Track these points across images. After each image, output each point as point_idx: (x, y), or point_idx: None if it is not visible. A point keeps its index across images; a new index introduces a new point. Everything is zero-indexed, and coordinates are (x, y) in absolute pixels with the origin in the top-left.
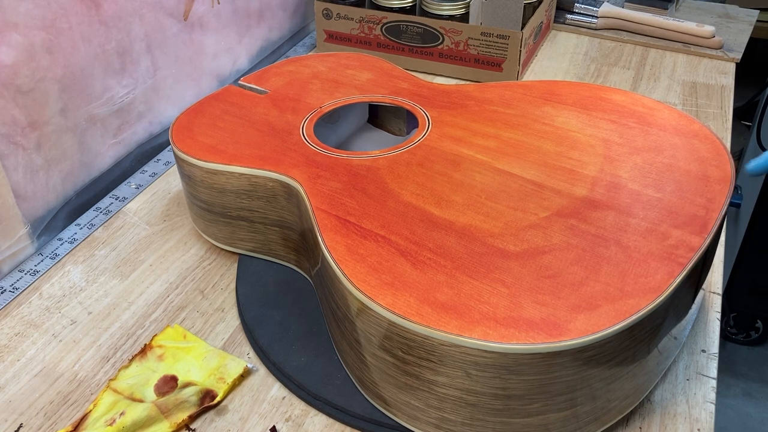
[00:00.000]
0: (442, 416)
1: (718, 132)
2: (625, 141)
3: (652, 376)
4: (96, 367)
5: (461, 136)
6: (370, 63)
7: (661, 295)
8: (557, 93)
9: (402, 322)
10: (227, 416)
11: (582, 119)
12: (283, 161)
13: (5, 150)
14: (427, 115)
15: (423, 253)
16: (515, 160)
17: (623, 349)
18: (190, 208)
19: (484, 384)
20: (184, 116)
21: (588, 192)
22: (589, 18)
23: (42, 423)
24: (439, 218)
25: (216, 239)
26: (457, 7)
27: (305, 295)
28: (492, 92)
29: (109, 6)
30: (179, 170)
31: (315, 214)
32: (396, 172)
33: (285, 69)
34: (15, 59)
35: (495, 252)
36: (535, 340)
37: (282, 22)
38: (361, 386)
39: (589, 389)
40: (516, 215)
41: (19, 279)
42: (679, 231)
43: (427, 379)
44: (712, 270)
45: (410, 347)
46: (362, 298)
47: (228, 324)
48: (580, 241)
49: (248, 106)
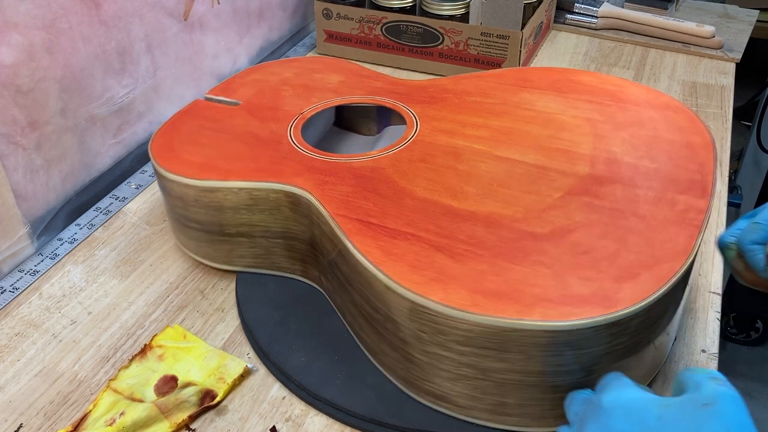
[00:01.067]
0: (500, 401)
1: (718, 132)
2: (606, 118)
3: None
4: (96, 367)
5: (452, 129)
6: (336, 65)
7: (690, 256)
8: (529, 79)
9: (459, 314)
10: (227, 416)
11: (560, 102)
12: (284, 171)
13: (5, 150)
14: (411, 112)
15: (457, 246)
16: (512, 146)
17: (659, 314)
18: (178, 231)
19: (545, 363)
20: (160, 136)
21: (590, 169)
22: (589, 18)
23: (42, 423)
24: (460, 210)
25: (212, 260)
26: (457, 7)
27: (305, 296)
28: (467, 83)
29: (109, 6)
30: (166, 193)
31: (336, 221)
32: (401, 170)
33: (250, 78)
34: (15, 59)
35: (525, 236)
36: (593, 314)
37: (282, 22)
38: (406, 385)
39: (624, 358)
40: (532, 198)
41: (19, 279)
42: (684, 196)
43: (484, 367)
44: (712, 270)
45: (468, 338)
46: (412, 297)
47: (228, 324)
48: (600, 216)
49: (225, 119)
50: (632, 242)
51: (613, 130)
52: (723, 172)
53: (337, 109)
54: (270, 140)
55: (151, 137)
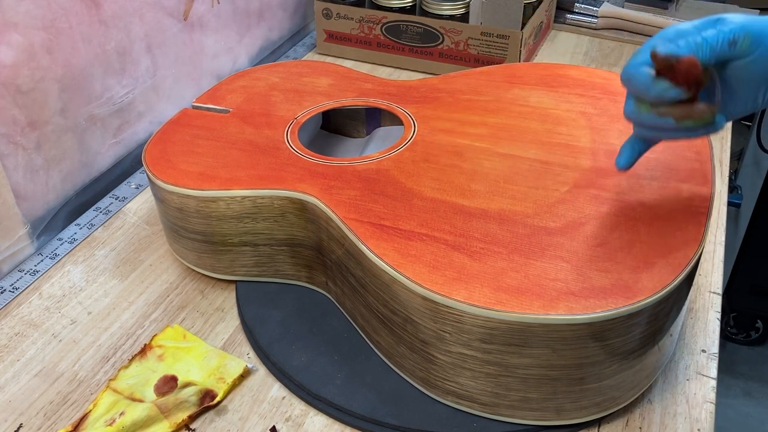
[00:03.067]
0: (524, 396)
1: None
2: (600, 111)
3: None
4: (96, 367)
5: (451, 128)
6: (322, 68)
7: (702, 242)
8: (518, 75)
9: (484, 312)
10: (227, 416)
11: (553, 96)
12: (286, 177)
13: (5, 150)
14: (407, 113)
15: (473, 244)
16: (512, 142)
17: (674, 301)
18: (176, 243)
19: (569, 356)
20: (153, 147)
21: (593, 162)
22: (589, 18)
23: (42, 423)
24: (471, 208)
25: (213, 270)
26: (457, 6)
27: (305, 295)
28: (457, 82)
29: (109, 6)
30: (164, 205)
31: (348, 225)
32: (406, 171)
33: (237, 84)
34: (15, 59)
35: (539, 231)
36: (616, 305)
37: (282, 22)
38: (426, 386)
39: (642, 346)
40: (540, 194)
41: (19, 279)
42: (686, 185)
43: (509, 364)
44: (712, 270)
45: (492, 336)
46: (435, 298)
47: (228, 324)
48: (609, 208)
49: (218, 128)
50: (644, 232)
51: (608, 122)
52: (723, 172)
53: (324, 113)
54: (268, 147)
55: (144, 149)
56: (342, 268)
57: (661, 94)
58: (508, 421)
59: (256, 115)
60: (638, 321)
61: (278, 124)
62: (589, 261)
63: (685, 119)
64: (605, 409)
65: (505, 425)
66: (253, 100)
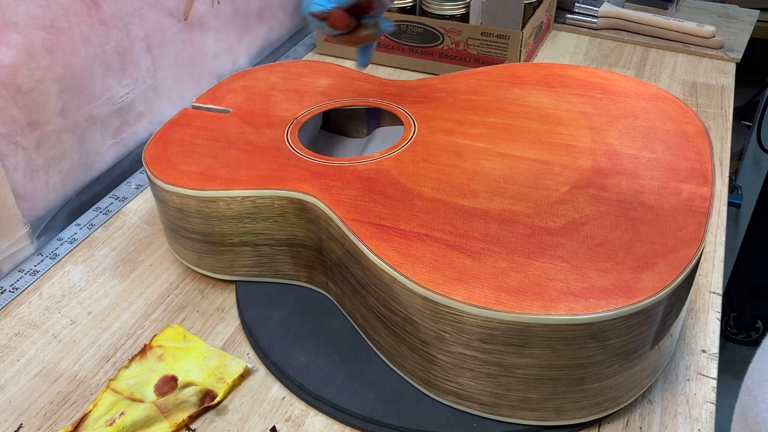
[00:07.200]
0: (524, 396)
1: (718, 132)
2: (600, 111)
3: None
4: (96, 367)
5: (451, 128)
6: (322, 68)
7: (702, 242)
8: (518, 75)
9: (484, 312)
10: (227, 416)
11: (553, 96)
12: (287, 178)
13: (5, 150)
14: (407, 113)
15: (473, 244)
16: (512, 142)
17: (675, 301)
18: (176, 243)
19: (570, 356)
20: (153, 147)
21: (592, 162)
22: (589, 18)
23: (42, 423)
24: (471, 208)
25: (213, 270)
26: (457, 7)
27: (305, 296)
28: (457, 82)
29: (109, 6)
30: (164, 205)
31: (348, 225)
32: (406, 171)
33: (236, 85)
34: (15, 59)
35: (539, 231)
36: (617, 305)
37: (282, 22)
38: (426, 386)
39: (643, 347)
40: (540, 193)
41: (19, 279)
42: (686, 185)
43: (509, 364)
44: (712, 270)
45: (492, 336)
46: (435, 298)
47: (228, 324)
48: (609, 208)
49: (218, 128)
50: (644, 232)
51: (608, 122)
52: (723, 172)
53: (324, 113)
54: (268, 147)
55: (144, 149)
56: (342, 269)
57: (328, 34)
58: (508, 421)
59: (256, 115)
60: (638, 321)
61: (278, 124)
62: (589, 261)
63: (358, 43)
64: (605, 409)
65: (505, 425)
66: (253, 100)
